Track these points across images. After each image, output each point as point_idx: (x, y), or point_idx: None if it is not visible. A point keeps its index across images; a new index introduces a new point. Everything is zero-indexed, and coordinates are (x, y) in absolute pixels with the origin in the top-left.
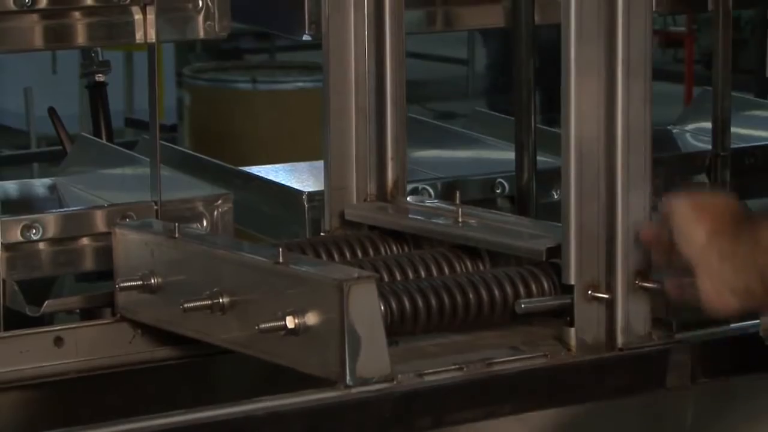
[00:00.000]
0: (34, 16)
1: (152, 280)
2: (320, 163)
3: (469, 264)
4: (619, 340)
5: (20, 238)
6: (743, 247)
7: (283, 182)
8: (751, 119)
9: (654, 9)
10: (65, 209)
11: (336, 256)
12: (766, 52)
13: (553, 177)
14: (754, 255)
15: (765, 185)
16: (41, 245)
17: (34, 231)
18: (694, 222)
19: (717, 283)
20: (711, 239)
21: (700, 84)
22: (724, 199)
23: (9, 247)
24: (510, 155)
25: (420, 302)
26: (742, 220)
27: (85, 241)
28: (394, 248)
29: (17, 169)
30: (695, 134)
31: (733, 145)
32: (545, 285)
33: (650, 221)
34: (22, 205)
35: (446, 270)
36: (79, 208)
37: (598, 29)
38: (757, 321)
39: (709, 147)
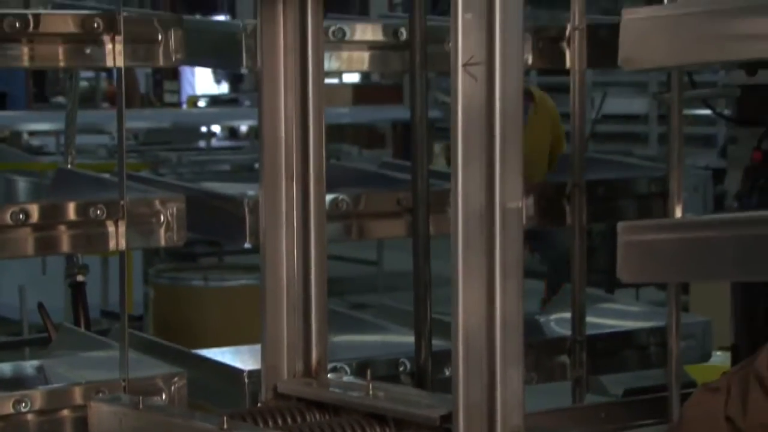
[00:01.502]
0: (27, 229)
1: None
2: (258, 347)
3: (378, 429)
4: None
5: (12, 411)
6: None
7: (228, 362)
8: (602, 311)
9: (524, 224)
10: (50, 386)
11: (270, 423)
12: (615, 257)
13: (446, 358)
14: None
15: (615, 366)
16: (29, 416)
17: (23, 404)
18: None
19: None
20: None
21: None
22: None
23: (2, 418)
24: (411, 340)
25: None
26: None
27: (65, 412)
28: (318, 416)
29: (11, 353)
30: (558, 322)
31: (588, 332)
32: None
33: None
34: (15, 382)
35: None
36: (61, 385)
37: (480, 239)
38: None
39: (569, 333)
